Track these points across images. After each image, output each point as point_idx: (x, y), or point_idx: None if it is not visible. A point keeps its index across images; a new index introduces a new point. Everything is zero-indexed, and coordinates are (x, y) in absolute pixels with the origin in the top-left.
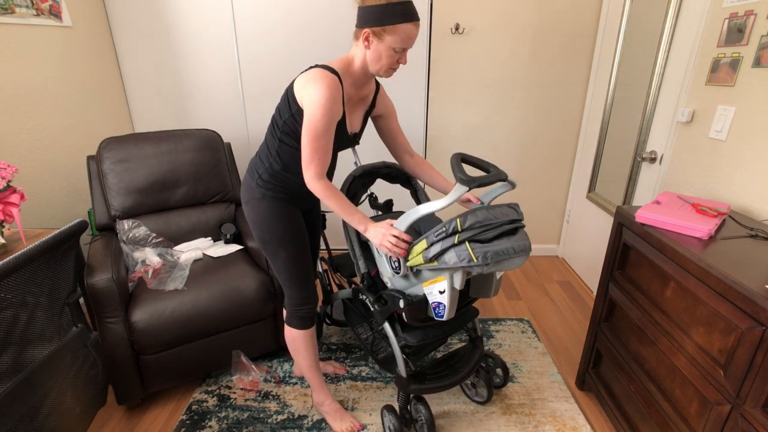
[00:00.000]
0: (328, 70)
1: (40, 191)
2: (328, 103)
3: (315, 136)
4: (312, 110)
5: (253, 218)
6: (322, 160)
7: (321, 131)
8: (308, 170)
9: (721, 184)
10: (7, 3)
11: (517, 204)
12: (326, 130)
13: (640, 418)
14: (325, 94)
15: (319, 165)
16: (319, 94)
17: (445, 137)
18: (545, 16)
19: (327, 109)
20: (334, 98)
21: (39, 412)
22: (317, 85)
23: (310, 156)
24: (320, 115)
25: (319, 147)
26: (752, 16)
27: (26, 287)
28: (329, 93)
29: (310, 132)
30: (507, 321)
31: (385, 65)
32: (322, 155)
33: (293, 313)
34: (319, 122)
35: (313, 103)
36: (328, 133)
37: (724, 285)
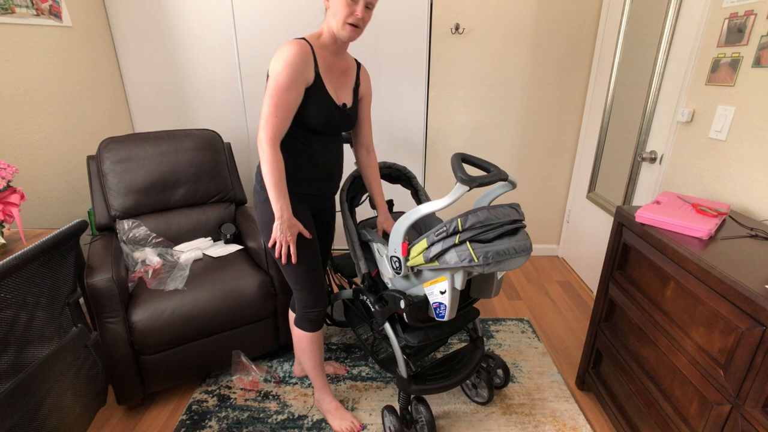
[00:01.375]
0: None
1: (40, 191)
2: (292, 59)
3: (273, 90)
4: (275, 67)
5: (261, 222)
6: (279, 120)
7: (282, 86)
8: (262, 129)
9: (721, 184)
10: (7, 3)
11: (517, 204)
12: (288, 86)
13: (640, 418)
14: (289, 51)
15: (275, 126)
16: (284, 52)
17: (445, 137)
18: (545, 16)
19: (290, 63)
20: (301, 56)
21: (39, 412)
22: (282, 48)
23: (267, 113)
24: (282, 68)
25: (277, 104)
26: (752, 16)
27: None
28: (294, 51)
29: (270, 87)
30: (507, 321)
31: (341, 18)
32: (280, 114)
33: (302, 316)
34: (281, 75)
35: (277, 61)
36: (289, 90)
37: (724, 285)
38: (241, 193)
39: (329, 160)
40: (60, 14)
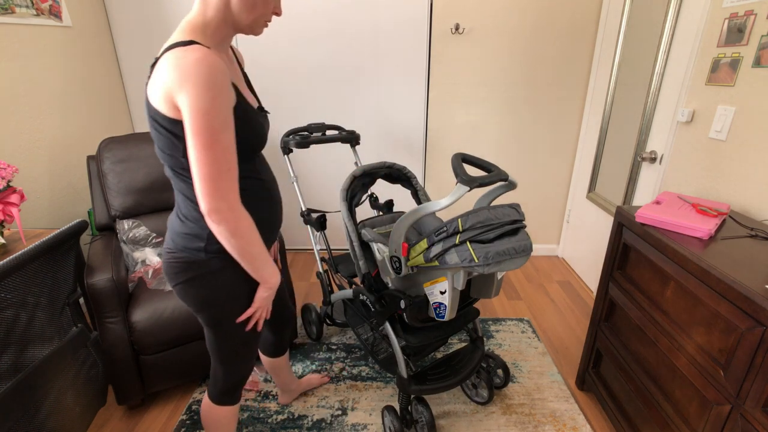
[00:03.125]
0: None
1: (40, 191)
2: (215, 82)
3: (212, 137)
4: (195, 101)
5: (209, 297)
6: (232, 171)
7: (218, 126)
8: (216, 196)
9: (721, 184)
10: (7, 3)
11: (518, 204)
12: (224, 122)
13: (640, 418)
14: (204, 71)
15: (232, 181)
16: (196, 73)
17: (445, 137)
18: (545, 16)
19: (216, 90)
20: (220, 72)
21: (39, 412)
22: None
23: (214, 172)
24: (209, 100)
25: (223, 152)
26: (752, 16)
27: (26, 287)
28: (209, 67)
29: (201, 134)
30: (507, 321)
31: (261, 14)
32: (230, 164)
33: (234, 387)
34: (212, 112)
35: (192, 90)
36: (229, 127)
37: (724, 285)
38: None
39: (274, 181)
40: (60, 14)
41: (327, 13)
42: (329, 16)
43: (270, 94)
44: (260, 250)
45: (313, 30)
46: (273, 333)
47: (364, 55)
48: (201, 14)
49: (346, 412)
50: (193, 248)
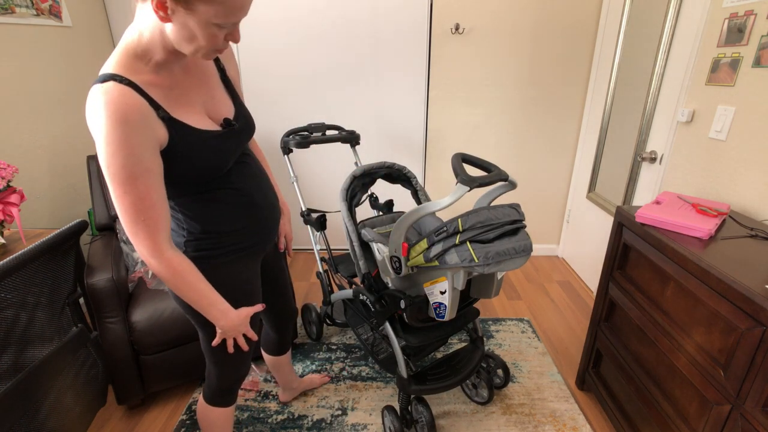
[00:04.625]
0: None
1: (40, 191)
2: (118, 134)
3: (120, 188)
4: (100, 152)
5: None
6: (153, 219)
7: (124, 178)
8: (137, 241)
9: (721, 184)
10: (7, 3)
11: (518, 204)
12: (133, 173)
13: (640, 418)
14: (107, 122)
15: (153, 229)
16: (100, 122)
17: (445, 137)
18: (545, 16)
19: (119, 143)
20: (125, 123)
21: (39, 412)
22: (94, 109)
23: (129, 220)
24: (112, 154)
25: (135, 202)
26: (752, 16)
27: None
28: (112, 117)
29: (111, 183)
30: (507, 321)
31: (205, 47)
32: (149, 213)
33: (228, 390)
34: (115, 166)
35: (98, 140)
36: (141, 176)
37: (724, 285)
38: None
39: (259, 187)
40: (60, 14)
41: (327, 13)
42: (329, 16)
43: (270, 94)
44: (195, 296)
45: (313, 30)
46: (275, 331)
47: (364, 55)
48: (137, 35)
49: (346, 412)
50: None
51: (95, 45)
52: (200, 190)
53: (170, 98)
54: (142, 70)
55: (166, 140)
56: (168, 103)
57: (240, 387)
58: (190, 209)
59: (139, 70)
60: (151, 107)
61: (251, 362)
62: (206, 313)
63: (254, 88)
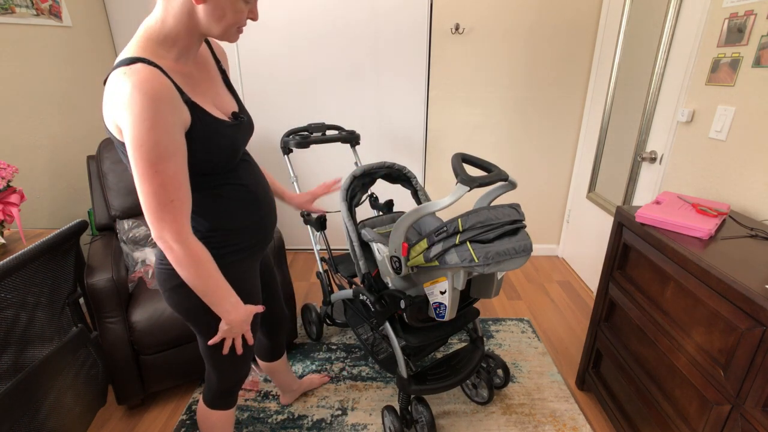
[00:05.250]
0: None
1: (40, 191)
2: (153, 112)
3: (151, 169)
4: (132, 133)
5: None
6: (179, 201)
7: (156, 158)
8: (162, 227)
9: (721, 184)
10: (7, 3)
11: (518, 204)
12: (165, 153)
13: (640, 418)
14: (140, 100)
15: (178, 212)
16: (132, 101)
17: (445, 137)
18: (545, 16)
19: (153, 121)
20: (162, 99)
21: (39, 412)
22: (124, 90)
23: (156, 204)
24: (145, 132)
25: (165, 184)
26: (752, 16)
27: (26, 287)
28: (145, 95)
29: (140, 166)
30: (507, 321)
31: (233, 23)
32: (176, 194)
33: (227, 392)
34: (148, 145)
35: (129, 121)
36: (172, 156)
37: (724, 285)
38: None
39: (261, 185)
40: (60, 14)
41: (327, 13)
42: (329, 16)
43: (270, 94)
44: (211, 285)
45: (313, 30)
46: (267, 338)
47: (364, 55)
48: (160, 22)
49: (346, 412)
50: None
51: (95, 45)
52: (210, 184)
53: (189, 85)
54: (164, 56)
55: (190, 123)
56: (187, 89)
57: (240, 388)
58: (199, 205)
59: (161, 56)
60: (177, 90)
61: (251, 362)
62: (218, 305)
63: (254, 88)
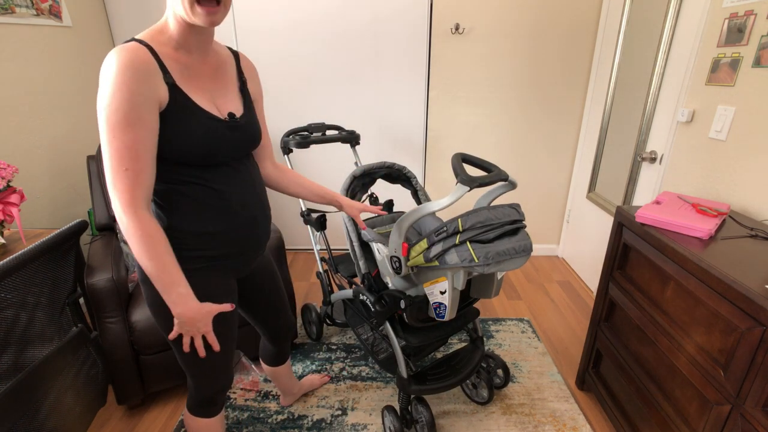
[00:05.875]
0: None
1: (40, 191)
2: (121, 76)
3: (110, 132)
4: (100, 94)
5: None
6: (133, 172)
7: (116, 121)
8: (114, 195)
9: (721, 184)
10: (7, 3)
11: (518, 204)
12: (125, 119)
13: (640, 418)
14: (113, 65)
15: (129, 183)
16: (107, 67)
17: (445, 137)
18: (545, 16)
19: (119, 84)
20: (132, 68)
21: (39, 412)
22: (106, 61)
23: (111, 169)
24: (110, 95)
25: (121, 150)
26: (752, 16)
27: (26, 287)
28: (120, 62)
29: (102, 128)
30: (507, 321)
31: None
32: (131, 164)
33: (210, 400)
34: (111, 107)
35: (101, 84)
36: (132, 126)
37: (724, 285)
38: None
39: (243, 197)
40: (60, 14)
41: (327, 13)
42: (329, 16)
43: (270, 94)
44: (158, 266)
45: (313, 30)
46: (273, 344)
47: (364, 55)
48: (164, 16)
49: (346, 412)
50: None
51: (95, 45)
52: (178, 179)
53: (183, 74)
54: (163, 42)
55: (166, 103)
56: (178, 76)
57: (224, 398)
58: (162, 197)
59: (161, 42)
60: (160, 69)
61: (251, 362)
62: (165, 293)
63: None
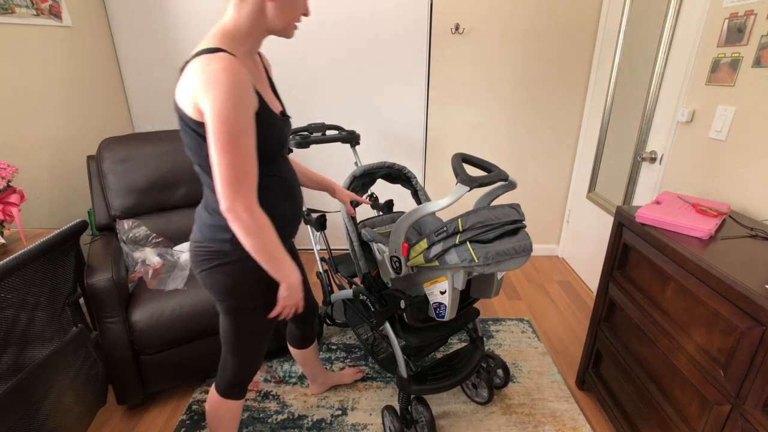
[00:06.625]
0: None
1: (40, 191)
2: (236, 90)
3: (231, 142)
4: (216, 107)
5: (230, 286)
6: (251, 174)
7: (237, 132)
8: (236, 197)
9: (721, 184)
10: (7, 3)
11: (518, 204)
12: (244, 128)
13: (640, 418)
14: (226, 79)
15: (251, 183)
16: (219, 81)
17: (445, 137)
18: (545, 16)
19: (236, 98)
20: (242, 81)
21: (39, 412)
22: (211, 71)
23: (233, 175)
24: (229, 108)
25: (241, 156)
26: (752, 16)
27: (26, 287)
28: (231, 76)
29: (221, 139)
30: (507, 321)
31: (294, 17)
32: (249, 167)
33: (242, 383)
34: (231, 119)
35: (214, 97)
36: (248, 132)
37: (724, 285)
38: None
39: (295, 179)
40: (60, 14)
41: (327, 13)
42: (330, 16)
43: None
44: (275, 250)
45: (313, 30)
46: (297, 326)
47: (364, 55)
48: (233, 21)
49: (346, 412)
50: (219, 239)
51: (95, 45)
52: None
53: (254, 79)
54: (237, 50)
55: (257, 108)
56: (253, 81)
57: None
58: None
59: (233, 49)
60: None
61: None
62: (280, 270)
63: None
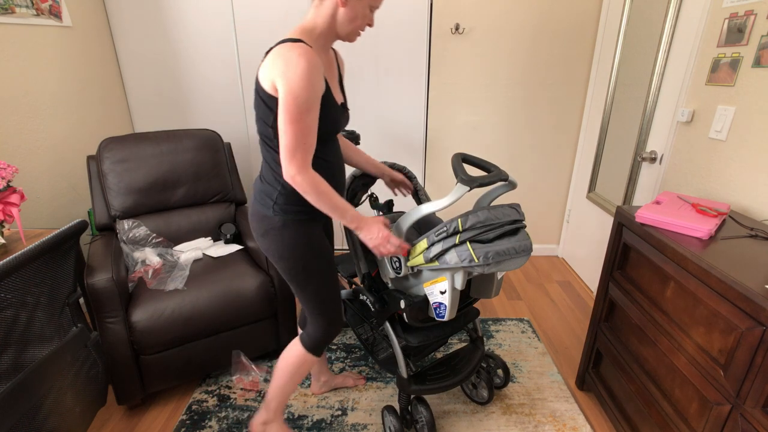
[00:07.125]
0: (297, 42)
1: (40, 191)
2: (308, 74)
3: (297, 115)
4: (290, 85)
5: (277, 250)
6: (308, 145)
7: (304, 108)
8: (292, 162)
9: (721, 184)
10: (7, 3)
11: (518, 204)
12: (310, 106)
13: (640, 418)
14: (302, 64)
15: (306, 152)
16: (296, 64)
17: (445, 137)
18: (545, 16)
19: (308, 80)
20: (315, 67)
21: (39, 412)
22: (290, 56)
23: (293, 143)
24: (301, 87)
25: (303, 129)
26: (752, 16)
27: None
28: (307, 62)
29: (290, 111)
30: (507, 321)
31: (359, 26)
32: (308, 139)
33: (323, 341)
34: (301, 97)
35: (290, 77)
36: (313, 110)
37: (724, 285)
38: (240, 193)
39: (341, 164)
40: (60, 14)
41: None
42: None
43: None
44: (334, 204)
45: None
46: None
47: (364, 55)
48: (312, 21)
49: (346, 412)
50: (264, 205)
51: (95, 45)
52: None
53: (325, 69)
54: (312, 43)
55: (323, 93)
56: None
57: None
58: None
59: (311, 42)
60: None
61: (251, 362)
62: (344, 217)
63: None
